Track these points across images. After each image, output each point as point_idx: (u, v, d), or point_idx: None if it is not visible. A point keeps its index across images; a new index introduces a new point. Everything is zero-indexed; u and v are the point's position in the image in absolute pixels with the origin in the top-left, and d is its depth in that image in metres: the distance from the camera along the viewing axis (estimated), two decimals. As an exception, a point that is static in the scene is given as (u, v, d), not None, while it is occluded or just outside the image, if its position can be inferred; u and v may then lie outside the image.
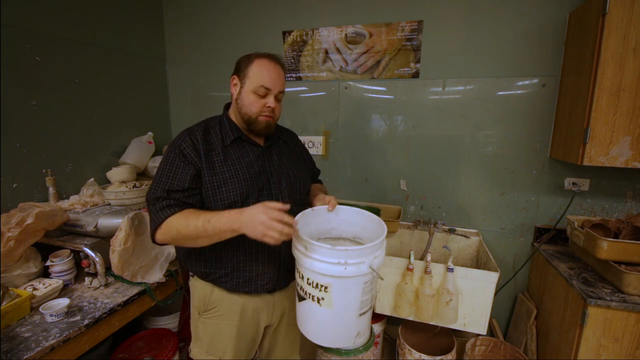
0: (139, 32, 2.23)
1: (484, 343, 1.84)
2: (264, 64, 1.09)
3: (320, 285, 0.92)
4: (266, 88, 1.08)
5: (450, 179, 2.03)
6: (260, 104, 1.09)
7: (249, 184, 1.09)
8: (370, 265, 0.89)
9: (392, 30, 1.97)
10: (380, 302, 1.76)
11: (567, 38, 1.70)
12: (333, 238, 1.14)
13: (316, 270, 0.90)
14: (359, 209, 1.11)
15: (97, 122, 1.97)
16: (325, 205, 1.09)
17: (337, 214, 1.11)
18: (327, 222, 1.12)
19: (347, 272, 0.88)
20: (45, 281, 1.31)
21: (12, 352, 0.99)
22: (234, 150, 1.12)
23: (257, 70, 1.08)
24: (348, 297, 0.93)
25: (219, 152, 1.09)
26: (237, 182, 1.07)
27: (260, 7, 2.20)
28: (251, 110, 1.10)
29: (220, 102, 2.41)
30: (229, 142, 1.12)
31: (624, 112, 1.41)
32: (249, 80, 1.09)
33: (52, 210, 1.35)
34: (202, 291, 1.18)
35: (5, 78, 1.51)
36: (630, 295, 1.36)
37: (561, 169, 1.83)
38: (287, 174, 1.19)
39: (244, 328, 1.19)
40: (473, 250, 1.99)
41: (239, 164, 1.10)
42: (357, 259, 0.88)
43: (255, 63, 1.09)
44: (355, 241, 1.13)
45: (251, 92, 1.09)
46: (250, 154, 1.14)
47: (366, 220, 1.09)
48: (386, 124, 2.09)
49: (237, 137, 1.13)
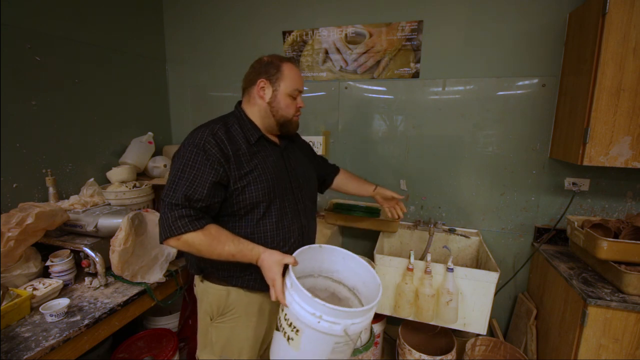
0: (139, 32, 2.23)
1: (484, 343, 1.84)
2: (292, 67, 1.14)
3: (292, 325, 0.89)
4: (300, 91, 1.16)
5: (450, 179, 2.03)
6: (294, 106, 1.16)
7: (275, 184, 1.10)
8: (345, 330, 0.84)
9: (392, 30, 1.97)
10: (380, 302, 1.77)
11: (567, 38, 1.70)
12: (333, 280, 1.11)
13: (292, 310, 0.88)
14: (367, 263, 1.05)
15: (97, 122, 1.97)
16: (334, 247, 1.08)
17: (344, 259, 1.08)
18: (331, 263, 1.10)
19: (319, 326, 0.84)
20: (45, 281, 1.31)
21: (12, 352, 0.99)
22: (257, 150, 1.12)
23: (289, 74, 1.12)
24: (316, 349, 0.89)
25: (245, 152, 1.08)
26: (265, 181, 1.08)
27: (260, 7, 2.20)
28: (289, 113, 1.15)
29: (220, 102, 2.45)
30: (254, 140, 1.12)
31: (624, 112, 1.41)
32: (283, 83, 1.12)
33: (52, 210, 1.35)
34: (215, 295, 1.15)
35: (5, 78, 1.51)
36: (630, 295, 1.36)
37: (561, 169, 1.83)
38: (302, 172, 1.24)
39: (260, 328, 1.20)
40: (473, 250, 1.99)
41: (264, 163, 1.11)
42: (333, 318, 0.84)
43: (285, 67, 1.12)
44: (353, 292, 1.09)
45: (287, 95, 1.13)
46: (272, 153, 1.16)
47: (370, 278, 1.04)
48: (386, 124, 2.09)
49: (260, 136, 1.14)
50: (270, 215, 1.10)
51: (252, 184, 1.06)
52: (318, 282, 1.11)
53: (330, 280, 1.11)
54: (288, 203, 1.14)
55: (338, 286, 1.10)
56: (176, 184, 0.99)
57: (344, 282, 1.10)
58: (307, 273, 1.08)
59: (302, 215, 1.18)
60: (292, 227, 1.14)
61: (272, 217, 1.10)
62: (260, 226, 1.09)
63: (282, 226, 1.12)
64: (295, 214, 1.16)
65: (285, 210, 1.13)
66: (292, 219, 1.15)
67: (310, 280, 1.09)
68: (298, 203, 1.18)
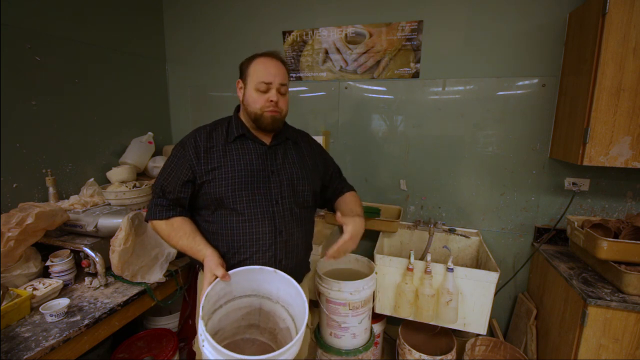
0: (139, 32, 2.23)
1: (484, 343, 1.84)
2: (262, 61, 1.13)
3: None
4: (266, 83, 1.11)
5: (450, 179, 2.03)
6: (263, 100, 1.12)
7: (243, 180, 1.11)
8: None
9: (392, 30, 1.97)
10: (380, 302, 1.77)
11: (567, 38, 1.70)
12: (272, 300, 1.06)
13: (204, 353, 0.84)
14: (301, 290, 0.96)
15: (97, 122, 1.96)
16: (269, 269, 1.01)
17: (282, 283, 1.01)
18: (267, 283, 1.04)
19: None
20: (45, 281, 1.31)
21: (12, 352, 0.99)
22: (235, 147, 1.16)
23: (256, 68, 1.13)
24: None
25: (219, 148, 1.14)
26: (231, 178, 1.10)
27: (260, 7, 2.20)
28: (256, 107, 1.13)
29: (220, 102, 2.45)
30: (232, 138, 1.15)
31: (624, 112, 1.41)
32: (250, 79, 1.13)
33: (52, 210, 1.35)
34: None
35: (5, 78, 1.51)
36: (630, 295, 1.36)
37: (561, 169, 1.83)
38: (290, 174, 1.19)
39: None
40: (473, 250, 1.99)
41: (236, 159, 1.13)
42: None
43: (254, 62, 1.14)
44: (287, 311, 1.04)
45: (253, 90, 1.12)
46: (252, 151, 1.16)
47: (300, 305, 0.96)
48: (386, 124, 2.09)
49: (241, 134, 1.16)
50: (237, 212, 1.10)
51: (217, 180, 1.10)
52: (253, 301, 1.07)
53: (268, 300, 1.07)
54: (259, 203, 1.11)
55: (276, 306, 1.06)
56: (160, 175, 1.16)
57: (280, 302, 1.06)
58: (247, 293, 1.05)
59: (277, 218, 1.13)
60: (261, 229, 1.11)
61: (239, 215, 1.10)
62: (228, 223, 1.12)
63: (250, 226, 1.11)
64: (269, 215, 1.12)
65: (255, 210, 1.11)
66: (262, 220, 1.11)
67: (245, 300, 1.06)
68: (274, 205, 1.13)
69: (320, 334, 1.75)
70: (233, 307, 1.05)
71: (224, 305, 1.03)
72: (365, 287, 1.59)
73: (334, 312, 1.61)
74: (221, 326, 1.04)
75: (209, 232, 1.15)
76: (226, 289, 1.01)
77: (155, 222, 1.15)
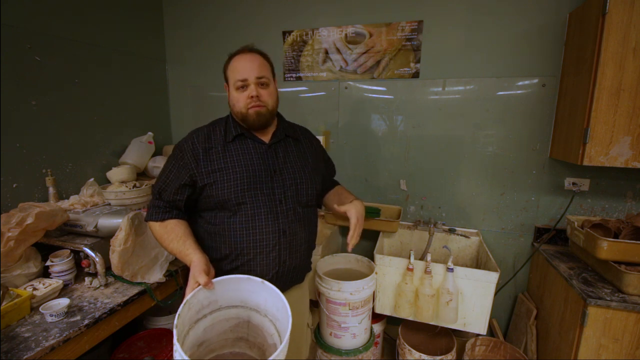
0: (139, 32, 2.23)
1: (484, 343, 1.84)
2: (236, 59, 1.13)
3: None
4: (241, 80, 1.09)
5: (450, 179, 2.03)
6: (244, 97, 1.10)
7: (246, 182, 1.08)
8: None
9: (392, 30, 1.97)
10: (380, 302, 1.77)
11: (567, 38, 1.71)
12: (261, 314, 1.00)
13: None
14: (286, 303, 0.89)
15: (97, 122, 1.96)
16: (257, 279, 0.95)
17: (269, 295, 0.95)
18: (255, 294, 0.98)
19: None
20: (45, 281, 1.31)
21: (12, 352, 0.99)
22: (235, 147, 1.13)
23: (231, 68, 1.12)
24: None
25: (218, 150, 1.11)
26: (234, 179, 1.08)
27: (260, 7, 2.20)
28: (239, 106, 1.11)
29: (220, 102, 2.44)
30: (231, 138, 1.13)
31: (624, 112, 1.41)
32: (230, 81, 1.13)
33: (52, 210, 1.35)
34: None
35: (5, 78, 1.51)
36: (630, 295, 1.36)
37: (561, 169, 1.84)
38: (292, 173, 1.17)
39: None
40: (473, 250, 1.99)
41: (237, 160, 1.11)
42: None
43: (230, 63, 1.13)
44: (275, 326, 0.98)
45: (234, 90, 1.12)
46: (252, 151, 1.14)
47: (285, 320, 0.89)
48: (386, 124, 2.09)
49: (239, 133, 1.14)
50: (241, 214, 1.09)
51: (220, 182, 1.08)
52: (240, 313, 1.01)
53: (256, 313, 1.01)
54: (263, 204, 1.10)
55: (264, 319, 1.01)
56: (159, 177, 1.16)
57: (268, 316, 1.00)
58: (234, 303, 1.01)
59: (281, 218, 1.11)
60: (265, 229, 1.10)
61: (243, 217, 1.09)
62: (231, 224, 1.09)
63: (254, 227, 1.09)
64: (273, 216, 1.10)
65: (259, 211, 1.09)
66: (266, 221, 1.10)
67: (233, 311, 1.01)
68: (278, 205, 1.12)
69: (320, 334, 1.75)
70: (219, 317, 0.99)
71: (209, 315, 0.97)
72: (365, 287, 1.59)
73: (334, 312, 1.61)
74: (206, 337, 0.98)
75: (212, 234, 1.13)
76: (211, 298, 0.95)
77: (151, 224, 1.15)
